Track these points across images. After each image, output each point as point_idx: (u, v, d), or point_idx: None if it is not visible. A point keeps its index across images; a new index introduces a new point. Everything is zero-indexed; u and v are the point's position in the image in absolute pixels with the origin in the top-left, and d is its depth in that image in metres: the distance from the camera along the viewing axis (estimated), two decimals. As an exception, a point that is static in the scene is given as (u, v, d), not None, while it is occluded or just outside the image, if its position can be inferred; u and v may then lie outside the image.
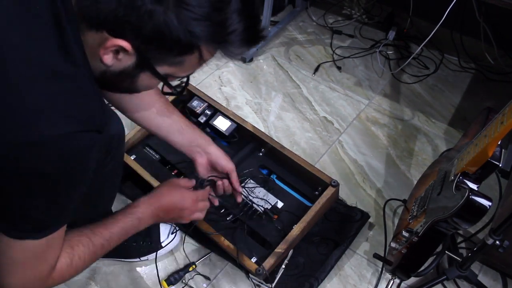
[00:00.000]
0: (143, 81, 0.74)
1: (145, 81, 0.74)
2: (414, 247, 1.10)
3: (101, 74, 0.72)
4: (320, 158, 1.64)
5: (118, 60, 0.69)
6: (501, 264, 1.33)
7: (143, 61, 0.69)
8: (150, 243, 1.34)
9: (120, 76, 0.72)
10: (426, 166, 1.41)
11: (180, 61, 0.70)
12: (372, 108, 1.82)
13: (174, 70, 0.72)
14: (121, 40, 0.65)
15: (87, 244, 0.88)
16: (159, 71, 0.71)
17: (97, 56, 0.68)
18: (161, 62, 0.70)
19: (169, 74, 0.73)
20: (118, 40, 0.65)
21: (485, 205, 0.92)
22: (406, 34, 2.07)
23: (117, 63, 0.69)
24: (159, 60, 0.70)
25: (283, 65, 2.00)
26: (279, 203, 1.39)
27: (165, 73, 0.73)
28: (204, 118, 1.55)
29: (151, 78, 0.73)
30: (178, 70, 0.73)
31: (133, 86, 0.76)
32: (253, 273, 1.24)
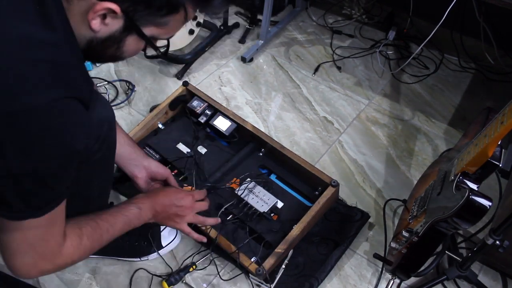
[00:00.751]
0: (129, 45, 0.75)
1: (131, 45, 0.75)
2: (414, 247, 1.10)
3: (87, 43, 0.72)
4: (320, 158, 1.65)
5: (105, 25, 0.69)
6: (501, 264, 1.33)
7: (131, 23, 0.70)
8: (150, 243, 1.35)
9: (107, 42, 0.72)
10: (426, 166, 1.41)
11: (166, 22, 0.72)
12: (372, 108, 1.82)
13: (160, 32, 0.74)
14: (110, 2, 0.66)
15: (94, 227, 0.91)
16: (146, 32, 0.72)
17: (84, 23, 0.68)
18: (148, 23, 0.71)
19: (155, 36, 0.74)
20: (107, 3, 0.66)
21: (485, 205, 0.92)
22: (406, 34, 2.07)
23: (104, 28, 0.70)
24: (146, 22, 0.71)
25: (283, 65, 2.00)
26: (279, 203, 1.39)
27: (151, 35, 0.74)
28: (204, 118, 1.55)
29: (137, 42, 0.74)
30: (163, 31, 0.74)
31: (119, 52, 0.76)
32: (253, 273, 1.24)
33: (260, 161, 1.51)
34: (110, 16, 0.68)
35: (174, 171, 1.48)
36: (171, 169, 1.48)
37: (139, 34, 0.72)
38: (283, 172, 1.47)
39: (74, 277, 1.34)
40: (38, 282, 1.33)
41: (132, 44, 0.75)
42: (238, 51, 2.06)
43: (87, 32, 0.70)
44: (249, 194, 1.38)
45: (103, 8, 0.66)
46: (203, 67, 1.98)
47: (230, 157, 1.50)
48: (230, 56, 2.04)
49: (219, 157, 1.51)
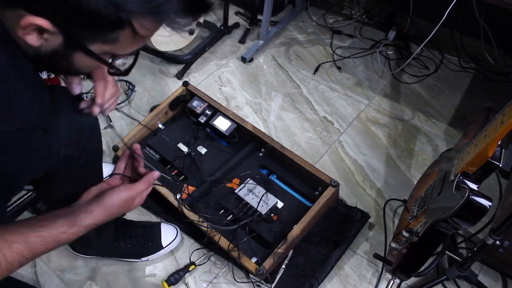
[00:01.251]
0: (79, 61, 0.69)
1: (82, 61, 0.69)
2: (414, 247, 1.10)
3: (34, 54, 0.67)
4: (320, 158, 1.65)
5: (45, 40, 0.64)
6: (501, 264, 1.33)
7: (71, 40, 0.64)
8: (151, 243, 1.35)
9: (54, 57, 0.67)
10: (426, 166, 1.41)
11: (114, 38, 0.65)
12: (372, 108, 1.82)
13: (110, 48, 0.67)
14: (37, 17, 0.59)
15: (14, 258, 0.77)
16: (93, 49, 0.66)
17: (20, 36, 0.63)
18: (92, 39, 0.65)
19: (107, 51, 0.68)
20: (33, 18, 0.59)
21: (485, 205, 0.92)
22: (406, 34, 2.07)
23: (46, 43, 0.64)
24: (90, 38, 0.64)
25: (283, 65, 2.00)
26: (279, 203, 1.39)
27: (102, 51, 0.67)
28: (204, 118, 1.55)
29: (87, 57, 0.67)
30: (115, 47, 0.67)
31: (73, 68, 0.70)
32: (254, 273, 1.24)
33: (260, 161, 1.51)
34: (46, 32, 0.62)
35: (174, 171, 1.49)
36: (171, 169, 1.49)
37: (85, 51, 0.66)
38: (283, 172, 1.47)
39: (74, 277, 1.34)
40: (38, 282, 1.33)
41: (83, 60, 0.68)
42: (238, 51, 2.06)
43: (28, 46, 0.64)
44: (249, 194, 1.38)
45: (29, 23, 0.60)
46: (203, 67, 1.98)
47: (230, 157, 1.50)
48: (230, 56, 2.04)
49: (219, 157, 1.51)
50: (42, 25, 0.60)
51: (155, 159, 1.51)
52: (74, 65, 0.69)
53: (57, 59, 0.67)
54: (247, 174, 1.44)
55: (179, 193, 1.40)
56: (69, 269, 1.36)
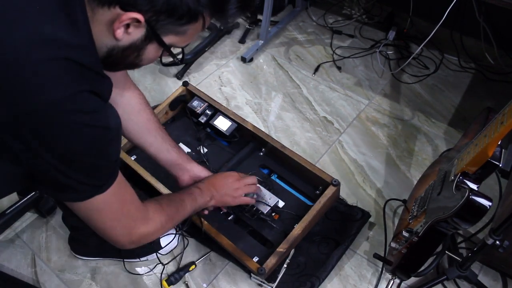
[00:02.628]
0: (148, 53, 0.78)
1: (150, 53, 0.78)
2: (414, 247, 1.10)
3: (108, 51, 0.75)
4: (320, 158, 1.65)
5: (128, 34, 0.72)
6: (501, 264, 1.34)
7: (152, 32, 0.73)
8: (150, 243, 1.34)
9: (128, 51, 0.75)
10: (426, 166, 1.41)
11: (185, 30, 0.75)
12: (372, 108, 1.82)
13: (178, 40, 0.77)
14: (135, 13, 0.69)
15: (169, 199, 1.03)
16: (165, 41, 0.75)
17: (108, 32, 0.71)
18: (168, 32, 0.74)
19: (173, 44, 0.77)
20: (132, 13, 0.68)
21: (485, 205, 0.92)
22: (406, 34, 2.08)
23: (127, 37, 0.73)
24: (166, 30, 0.74)
25: (283, 65, 2.01)
26: (280, 202, 1.40)
27: (170, 43, 0.77)
28: (204, 118, 1.55)
29: (156, 50, 0.77)
30: (181, 39, 0.77)
31: (137, 60, 0.79)
32: (255, 273, 1.24)
33: (260, 160, 1.51)
34: (133, 25, 0.71)
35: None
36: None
37: (160, 43, 0.75)
38: (284, 171, 1.47)
39: (74, 277, 1.34)
40: (38, 282, 1.33)
41: (152, 52, 0.78)
42: (238, 51, 2.06)
43: (109, 40, 0.73)
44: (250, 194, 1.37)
45: (129, 18, 0.69)
46: (203, 67, 1.99)
47: (230, 157, 1.50)
48: (230, 56, 2.04)
49: (219, 157, 1.51)
50: (139, 18, 0.69)
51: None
52: (141, 57, 0.78)
53: (130, 52, 0.76)
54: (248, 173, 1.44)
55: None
56: (69, 269, 1.36)
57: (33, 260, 1.38)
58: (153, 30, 0.73)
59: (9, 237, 1.43)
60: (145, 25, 0.71)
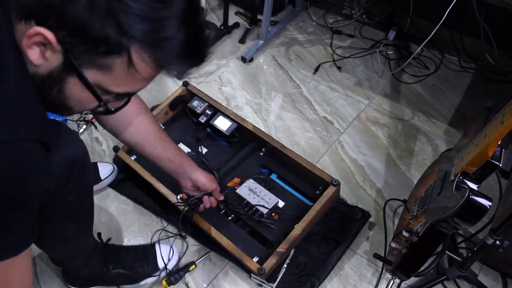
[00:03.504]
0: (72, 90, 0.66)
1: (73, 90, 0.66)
2: (414, 247, 1.10)
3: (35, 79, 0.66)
4: (320, 158, 1.65)
5: (46, 60, 0.63)
6: (501, 264, 1.34)
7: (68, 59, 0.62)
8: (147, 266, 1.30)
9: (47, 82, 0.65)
10: (426, 166, 1.41)
11: (108, 65, 0.62)
12: (372, 108, 1.82)
13: (103, 78, 0.64)
14: (43, 28, 0.59)
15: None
16: (87, 76, 0.64)
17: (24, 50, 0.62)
18: (88, 64, 0.63)
19: (98, 83, 0.65)
20: (40, 28, 0.59)
21: (485, 205, 0.92)
22: (406, 34, 2.07)
23: (45, 64, 0.63)
24: (86, 61, 0.62)
25: (283, 65, 2.01)
26: (280, 202, 1.40)
27: (94, 81, 0.65)
28: (204, 118, 1.56)
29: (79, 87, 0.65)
30: (107, 78, 0.64)
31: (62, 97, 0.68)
32: (255, 273, 1.24)
33: (260, 160, 1.51)
34: (49, 48, 0.61)
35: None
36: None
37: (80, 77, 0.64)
38: (284, 171, 1.47)
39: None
40: (38, 282, 1.33)
41: (75, 89, 0.66)
42: (238, 51, 2.06)
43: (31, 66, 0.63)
44: (250, 194, 1.38)
45: (35, 33, 0.59)
46: (203, 67, 1.98)
47: (230, 157, 1.51)
48: (230, 56, 2.04)
49: (219, 157, 1.51)
50: (47, 36, 0.59)
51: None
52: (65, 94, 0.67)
53: (50, 84, 0.65)
54: (248, 173, 1.44)
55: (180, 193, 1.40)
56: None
57: (33, 260, 1.38)
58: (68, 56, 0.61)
59: (9, 237, 1.43)
60: (61, 50, 0.61)
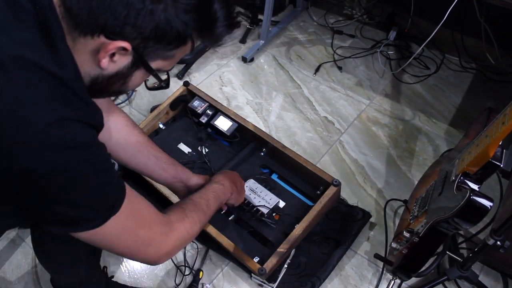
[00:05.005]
0: (135, 80, 0.74)
1: (136, 79, 0.75)
2: (415, 247, 1.10)
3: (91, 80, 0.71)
4: (321, 158, 1.65)
5: (113, 62, 0.69)
6: (502, 265, 1.33)
7: (140, 59, 0.70)
8: None
9: (113, 79, 0.72)
10: (427, 166, 1.41)
11: (173, 54, 0.72)
12: (373, 108, 1.82)
13: (165, 64, 0.74)
14: (122, 41, 0.65)
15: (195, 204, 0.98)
16: (152, 66, 0.72)
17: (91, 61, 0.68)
18: (155, 57, 0.71)
19: (160, 68, 0.75)
20: (119, 42, 0.65)
21: (486, 206, 0.92)
22: (407, 34, 2.07)
23: (112, 66, 0.70)
24: (154, 56, 0.71)
25: (284, 65, 2.00)
26: (281, 202, 1.40)
27: (157, 68, 0.74)
28: (205, 118, 1.56)
29: (142, 75, 0.74)
30: (168, 63, 0.74)
31: (123, 87, 0.75)
32: (256, 273, 1.24)
33: (261, 160, 1.51)
34: (119, 53, 0.68)
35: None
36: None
37: (147, 69, 0.72)
38: (284, 171, 1.47)
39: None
40: (38, 282, 1.33)
41: (138, 78, 0.75)
42: (239, 51, 2.06)
43: (93, 69, 0.70)
44: (251, 194, 1.38)
45: (115, 47, 0.66)
46: (204, 67, 1.99)
47: (231, 157, 1.50)
48: (231, 56, 2.04)
49: (220, 157, 1.51)
50: (126, 47, 0.66)
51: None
52: (127, 85, 0.75)
53: (115, 80, 0.73)
54: (249, 173, 1.44)
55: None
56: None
57: (33, 260, 1.38)
58: (140, 57, 0.70)
59: (10, 237, 1.43)
60: (132, 53, 0.68)
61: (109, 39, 0.65)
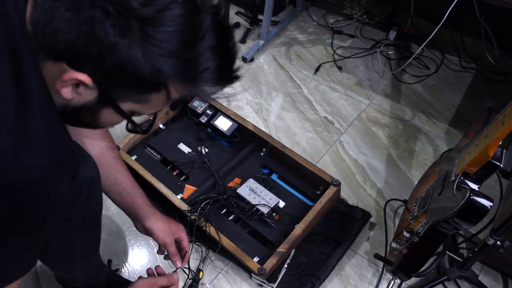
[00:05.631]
0: (105, 117, 0.68)
1: (108, 117, 0.68)
2: (415, 247, 1.10)
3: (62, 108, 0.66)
4: (321, 158, 1.65)
5: (79, 94, 0.63)
6: (502, 265, 1.33)
7: (105, 96, 0.63)
8: None
9: (81, 111, 0.66)
10: (427, 166, 1.41)
11: (146, 99, 0.64)
12: (373, 108, 1.82)
13: (140, 107, 0.67)
14: (80, 73, 0.59)
15: None
16: (123, 107, 0.66)
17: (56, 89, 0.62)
18: (125, 98, 0.64)
19: (134, 110, 0.68)
20: (77, 74, 0.59)
21: (486, 206, 0.92)
22: (407, 34, 2.07)
23: (78, 97, 0.64)
24: (123, 97, 0.64)
25: (284, 65, 2.01)
26: (281, 202, 1.40)
27: (130, 110, 0.67)
28: (205, 118, 1.56)
29: (114, 114, 0.67)
30: (144, 107, 0.67)
31: (95, 122, 0.70)
32: (256, 273, 1.24)
33: (261, 160, 1.51)
34: (82, 85, 0.61)
35: (175, 171, 1.49)
36: (172, 169, 1.49)
37: (116, 109, 0.65)
38: (284, 171, 1.48)
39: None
40: (38, 282, 1.33)
41: (109, 116, 0.68)
42: (239, 51, 2.05)
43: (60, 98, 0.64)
44: (251, 194, 1.38)
45: (72, 78, 0.60)
46: (204, 67, 1.98)
47: (231, 157, 1.51)
48: (231, 56, 2.04)
49: (220, 157, 1.51)
50: (84, 81, 0.60)
51: (156, 159, 1.51)
52: (99, 120, 0.69)
53: (84, 113, 0.67)
54: (249, 173, 1.44)
55: (180, 193, 1.40)
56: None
57: (33, 260, 1.38)
58: (105, 95, 0.63)
59: (10, 237, 1.43)
60: (96, 88, 0.61)
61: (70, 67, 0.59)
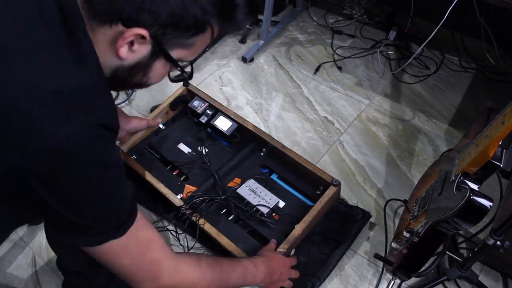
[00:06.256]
0: (156, 71, 0.74)
1: (157, 70, 0.74)
2: (415, 247, 1.10)
3: (112, 72, 0.71)
4: (321, 158, 1.65)
5: (133, 52, 0.68)
6: (502, 265, 1.33)
7: (159, 48, 0.69)
8: None
9: (134, 70, 0.72)
10: (426, 166, 1.41)
11: (192, 42, 0.71)
12: (373, 108, 1.82)
13: (186, 53, 0.73)
14: (139, 28, 0.65)
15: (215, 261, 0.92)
16: (173, 55, 0.72)
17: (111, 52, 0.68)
18: (174, 46, 0.70)
19: (181, 58, 0.74)
20: (136, 29, 0.65)
21: (486, 206, 0.92)
22: (407, 34, 2.07)
23: (132, 56, 0.69)
24: (173, 45, 0.70)
25: (284, 65, 2.00)
26: (281, 202, 1.40)
27: (178, 57, 0.73)
28: (205, 118, 1.56)
29: (164, 66, 0.74)
30: (189, 52, 0.73)
31: (145, 79, 0.75)
32: (254, 273, 1.24)
33: (261, 160, 1.51)
34: (137, 42, 0.67)
35: (175, 171, 1.49)
36: (172, 169, 1.49)
37: (167, 58, 0.72)
38: (284, 171, 1.47)
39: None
40: (38, 282, 1.33)
41: (159, 69, 0.74)
42: (239, 51, 2.06)
43: (113, 61, 0.69)
44: (251, 194, 1.38)
45: (132, 34, 0.65)
46: (204, 67, 1.98)
47: (231, 157, 1.50)
48: (231, 56, 2.04)
49: (220, 157, 1.51)
50: (143, 34, 0.65)
51: (156, 159, 1.51)
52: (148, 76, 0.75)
53: (136, 72, 0.72)
54: (249, 173, 1.44)
55: (180, 193, 1.40)
56: (70, 268, 1.36)
57: (33, 260, 1.38)
58: (159, 45, 0.69)
59: (10, 237, 1.43)
60: (151, 41, 0.67)
61: (126, 27, 0.65)
